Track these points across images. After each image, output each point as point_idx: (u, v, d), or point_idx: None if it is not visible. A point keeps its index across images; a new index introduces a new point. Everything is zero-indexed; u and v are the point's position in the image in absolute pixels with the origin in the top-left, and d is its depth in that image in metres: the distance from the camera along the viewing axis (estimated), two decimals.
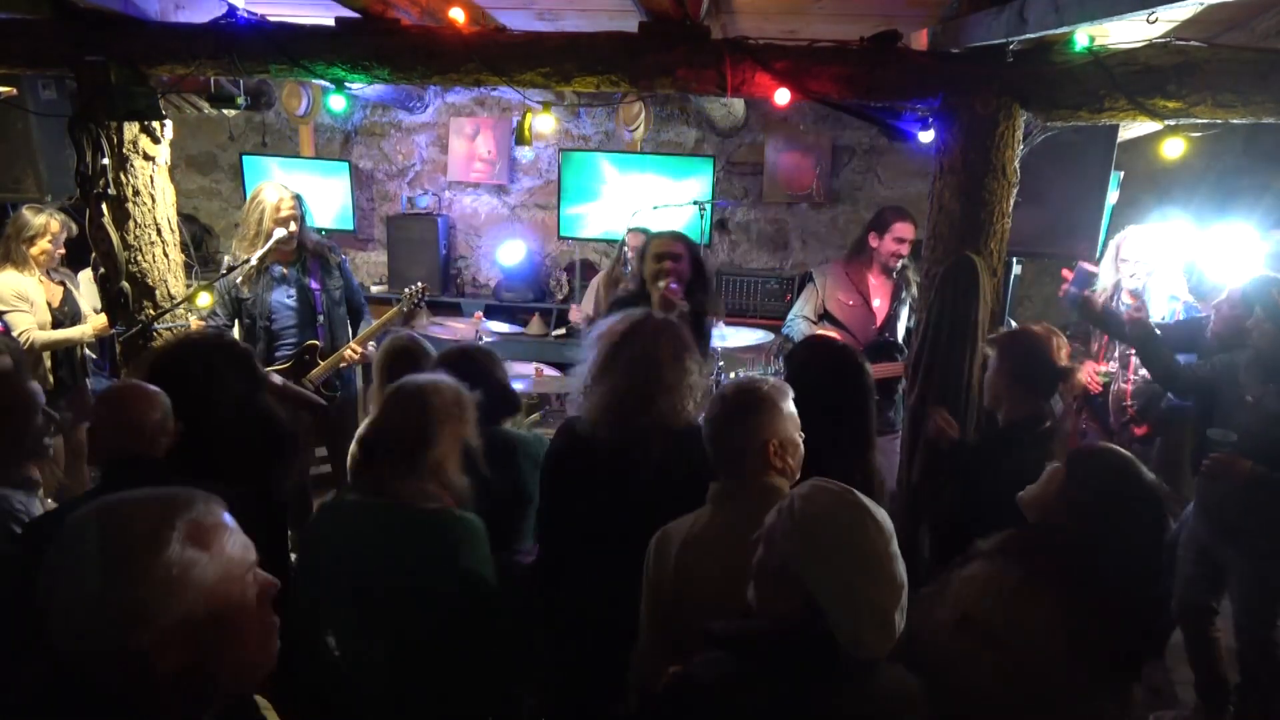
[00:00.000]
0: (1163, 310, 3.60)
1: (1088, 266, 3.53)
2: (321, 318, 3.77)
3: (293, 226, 3.62)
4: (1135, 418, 3.72)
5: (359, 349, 3.76)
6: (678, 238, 3.33)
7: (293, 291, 3.73)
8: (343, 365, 3.77)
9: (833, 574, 1.34)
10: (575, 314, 5.46)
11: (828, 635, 1.33)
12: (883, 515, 1.40)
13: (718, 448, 1.84)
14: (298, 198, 3.70)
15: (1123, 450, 1.92)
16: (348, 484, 2.09)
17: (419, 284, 3.90)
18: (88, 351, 4.24)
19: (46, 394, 3.91)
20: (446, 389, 1.98)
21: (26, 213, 3.90)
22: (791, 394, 1.90)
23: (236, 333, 3.72)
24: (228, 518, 1.06)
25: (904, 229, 3.85)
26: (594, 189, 5.91)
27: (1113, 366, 3.76)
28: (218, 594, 1.00)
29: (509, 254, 6.01)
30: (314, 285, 3.76)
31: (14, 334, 3.82)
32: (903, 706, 1.40)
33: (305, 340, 3.73)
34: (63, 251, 4.04)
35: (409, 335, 2.97)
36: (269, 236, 3.57)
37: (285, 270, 3.73)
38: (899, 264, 3.92)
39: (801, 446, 1.88)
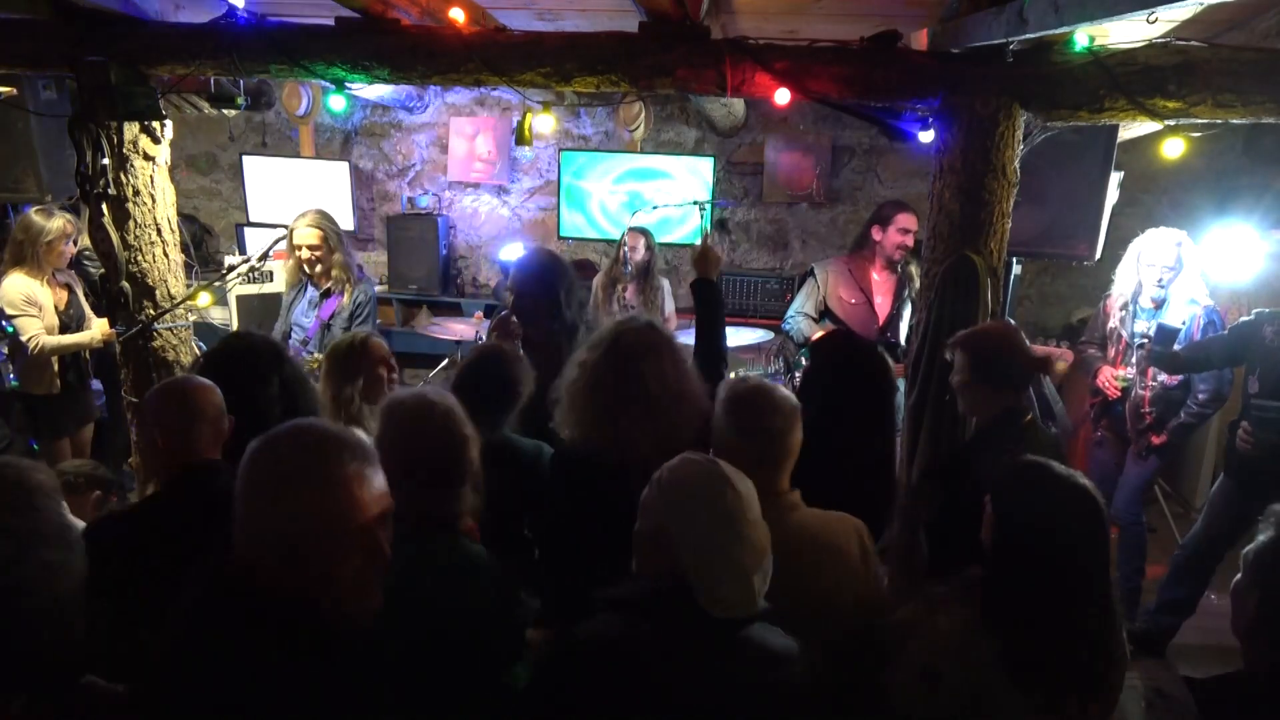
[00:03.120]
0: (1182, 315, 3.53)
1: (1168, 324, 3.42)
2: (307, 342, 3.77)
3: (304, 255, 3.75)
4: (1153, 425, 3.64)
5: None
6: (517, 269, 3.22)
7: (310, 313, 3.80)
8: None
9: (692, 533, 1.45)
10: None
11: (691, 595, 1.43)
12: (745, 485, 1.50)
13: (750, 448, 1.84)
14: (321, 231, 3.73)
15: (1042, 462, 1.72)
16: None
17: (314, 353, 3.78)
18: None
19: (54, 398, 3.97)
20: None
21: (38, 217, 3.84)
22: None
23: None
24: None
25: (907, 220, 3.85)
26: (594, 189, 5.91)
27: (1131, 372, 3.68)
28: None
29: (509, 254, 6.01)
30: (324, 315, 3.78)
31: (23, 339, 3.81)
32: (773, 665, 1.48)
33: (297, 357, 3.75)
34: (74, 251, 4.03)
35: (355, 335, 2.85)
36: (294, 254, 3.74)
37: (312, 291, 3.82)
38: (902, 257, 3.91)
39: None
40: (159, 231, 3.32)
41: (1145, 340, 3.61)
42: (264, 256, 3.76)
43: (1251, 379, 3.29)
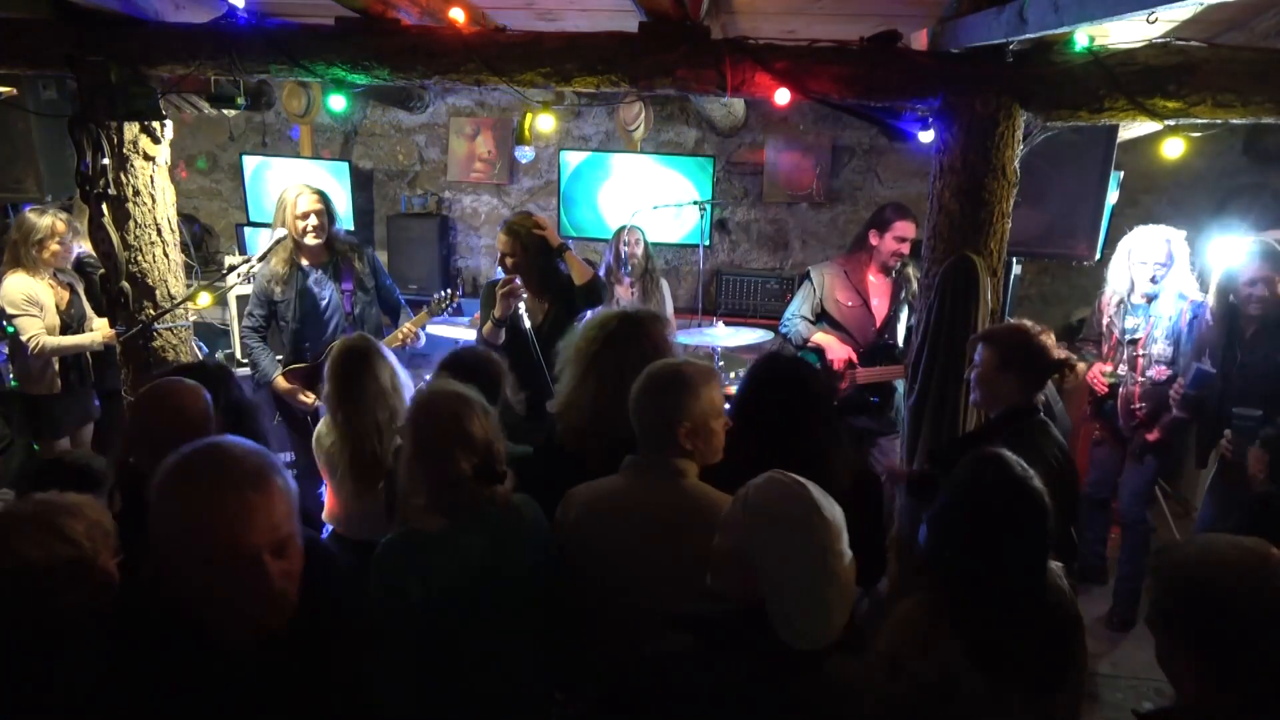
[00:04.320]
0: (1170, 310, 3.58)
1: (1205, 368, 3.39)
2: (350, 318, 3.78)
3: (313, 222, 3.65)
4: (1145, 422, 3.67)
5: (414, 330, 3.83)
6: (506, 231, 3.52)
7: (325, 293, 3.76)
8: (399, 345, 3.81)
9: (773, 562, 1.40)
10: None
11: (768, 623, 1.39)
12: (833, 512, 1.44)
13: (637, 420, 1.94)
14: (321, 196, 3.71)
15: (997, 455, 1.73)
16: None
17: (448, 290, 3.95)
18: None
19: (54, 398, 3.97)
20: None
21: (31, 215, 3.86)
22: (718, 380, 2.00)
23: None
24: None
25: (905, 228, 3.84)
26: (594, 189, 5.91)
27: (1122, 370, 3.70)
28: None
29: None
30: (346, 286, 3.78)
31: (23, 339, 3.81)
32: (842, 701, 1.44)
33: (333, 340, 3.74)
34: (72, 252, 4.03)
35: (361, 336, 2.89)
36: (300, 224, 3.65)
37: (318, 272, 3.76)
38: (897, 263, 3.91)
39: (719, 433, 1.97)
40: (159, 231, 3.33)
41: (1137, 337, 3.66)
42: (264, 256, 3.76)
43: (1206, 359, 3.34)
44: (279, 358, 3.80)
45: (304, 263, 3.75)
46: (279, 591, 1.22)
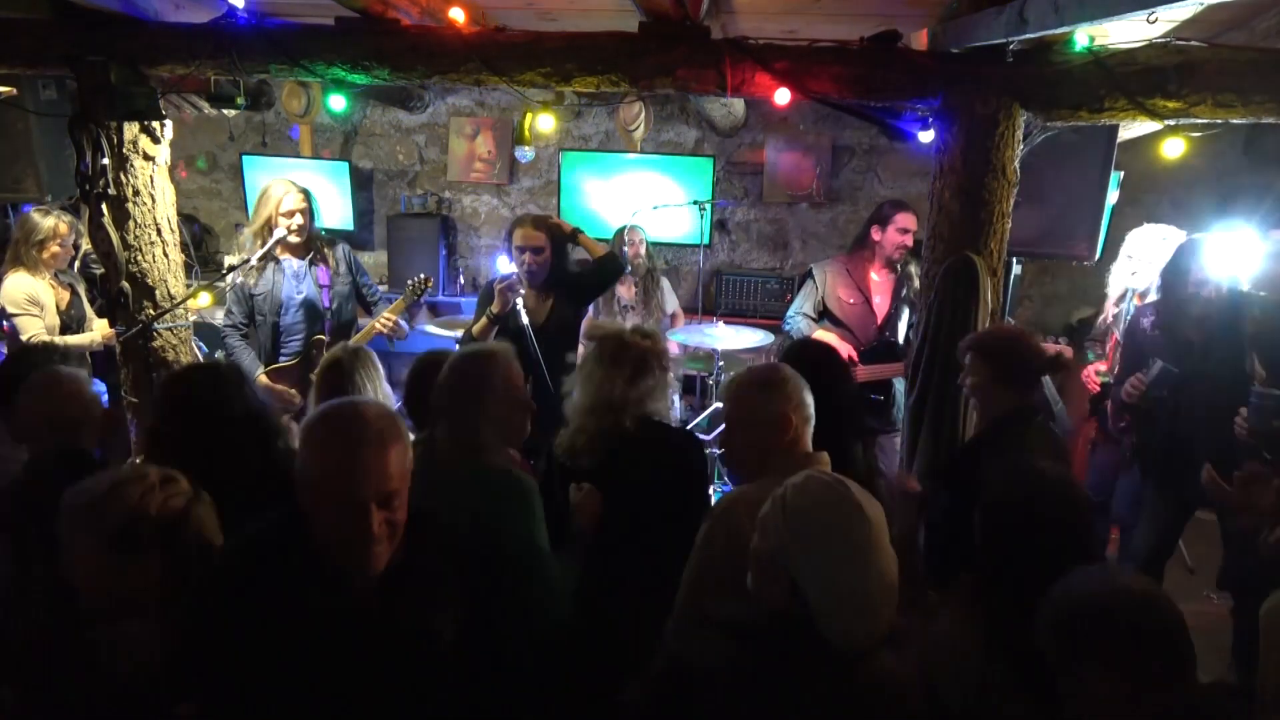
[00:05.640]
0: None
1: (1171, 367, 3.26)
2: (329, 313, 3.78)
3: (298, 221, 3.64)
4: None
5: (392, 317, 3.80)
6: (533, 225, 3.52)
7: (302, 287, 3.76)
8: (381, 333, 3.80)
9: (815, 562, 1.36)
10: None
11: (811, 624, 1.35)
12: (874, 508, 1.40)
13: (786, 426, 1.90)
14: (306, 194, 3.71)
15: (1030, 462, 1.72)
16: None
17: (421, 275, 3.95)
18: None
19: None
20: None
21: (35, 215, 3.87)
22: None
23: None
24: None
25: (906, 219, 3.85)
26: (594, 189, 5.91)
27: (1118, 369, 3.68)
28: None
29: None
30: (323, 281, 3.78)
31: (22, 339, 3.81)
32: (891, 699, 1.40)
33: (312, 335, 3.75)
34: (73, 253, 4.03)
35: (346, 347, 2.82)
36: (272, 232, 3.61)
37: (296, 265, 3.76)
38: (901, 257, 3.92)
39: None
40: (159, 231, 3.32)
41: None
42: (264, 257, 3.76)
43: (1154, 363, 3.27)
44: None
45: (283, 256, 3.75)
46: (378, 536, 1.42)
